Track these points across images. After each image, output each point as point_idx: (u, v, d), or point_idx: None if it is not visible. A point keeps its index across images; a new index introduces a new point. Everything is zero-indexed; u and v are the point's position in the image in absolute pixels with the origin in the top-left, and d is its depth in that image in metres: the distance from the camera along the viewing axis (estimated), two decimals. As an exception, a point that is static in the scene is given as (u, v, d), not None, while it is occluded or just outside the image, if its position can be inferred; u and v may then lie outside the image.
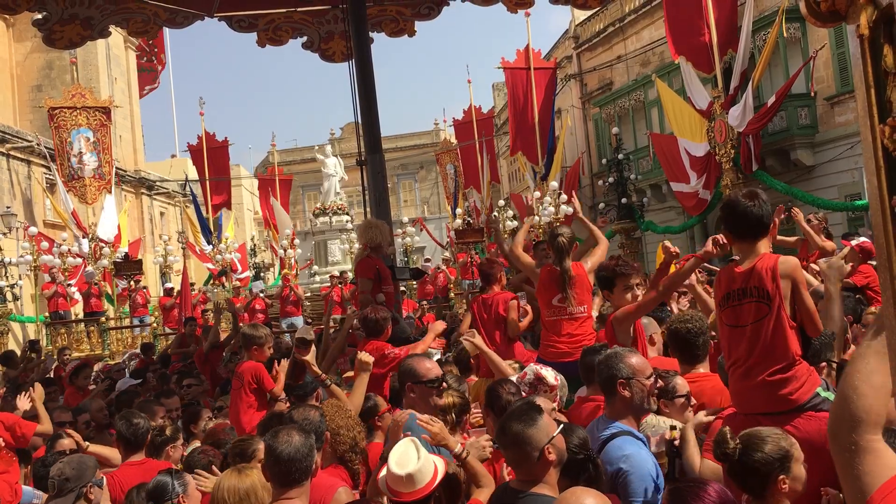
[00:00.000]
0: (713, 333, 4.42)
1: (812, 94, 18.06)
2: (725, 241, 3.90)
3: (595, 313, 5.98)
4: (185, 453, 4.97)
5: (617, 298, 4.71)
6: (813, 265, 4.42)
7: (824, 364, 3.85)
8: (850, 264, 8.19)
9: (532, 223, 7.04)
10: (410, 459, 3.26)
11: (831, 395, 3.31)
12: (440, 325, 6.48)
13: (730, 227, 3.60)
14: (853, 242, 8.53)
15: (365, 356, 5.22)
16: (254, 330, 6.68)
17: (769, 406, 3.29)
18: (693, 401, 3.93)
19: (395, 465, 3.26)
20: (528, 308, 6.75)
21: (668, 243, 4.74)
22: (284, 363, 6.39)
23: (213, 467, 4.15)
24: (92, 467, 4.15)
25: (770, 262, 3.43)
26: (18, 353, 14.75)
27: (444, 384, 4.33)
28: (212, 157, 25.44)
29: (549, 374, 4.32)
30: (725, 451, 2.82)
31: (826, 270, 4.06)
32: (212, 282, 24.23)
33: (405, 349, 5.90)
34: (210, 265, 23.51)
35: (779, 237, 8.46)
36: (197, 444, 5.32)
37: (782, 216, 7.12)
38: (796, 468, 2.81)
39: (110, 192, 23.76)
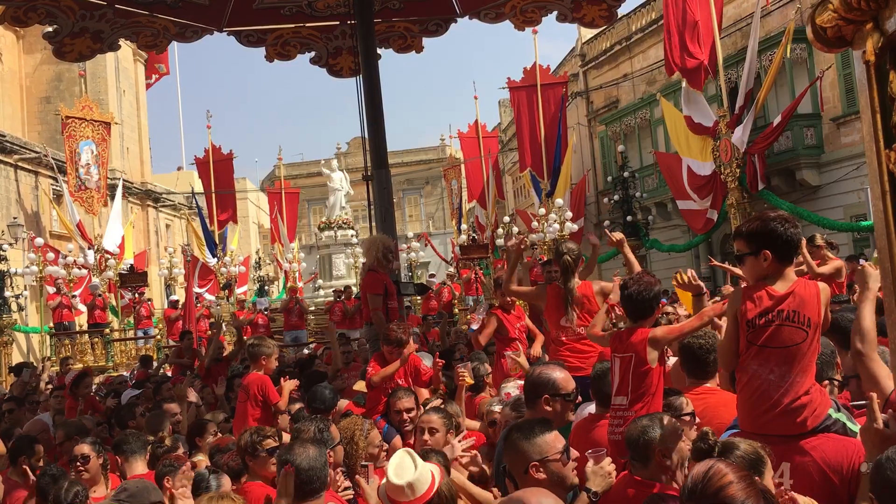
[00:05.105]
0: None
1: (821, 110, 18.12)
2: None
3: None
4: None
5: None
6: None
7: (826, 382, 3.85)
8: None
9: (523, 255, 6.96)
10: (408, 469, 3.31)
11: (843, 416, 3.30)
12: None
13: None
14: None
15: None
16: (261, 341, 6.69)
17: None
18: (697, 419, 3.93)
19: (394, 475, 3.30)
20: (489, 322, 6.81)
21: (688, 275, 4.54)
22: (291, 383, 6.39)
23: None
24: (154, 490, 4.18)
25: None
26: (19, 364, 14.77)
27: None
28: (217, 169, 25.54)
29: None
30: (704, 448, 2.85)
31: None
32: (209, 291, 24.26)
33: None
34: (203, 290, 23.51)
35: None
36: (202, 457, 5.33)
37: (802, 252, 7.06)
38: (768, 477, 2.83)
39: (106, 206, 23.90)
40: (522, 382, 4.50)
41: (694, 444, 2.93)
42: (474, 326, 6.96)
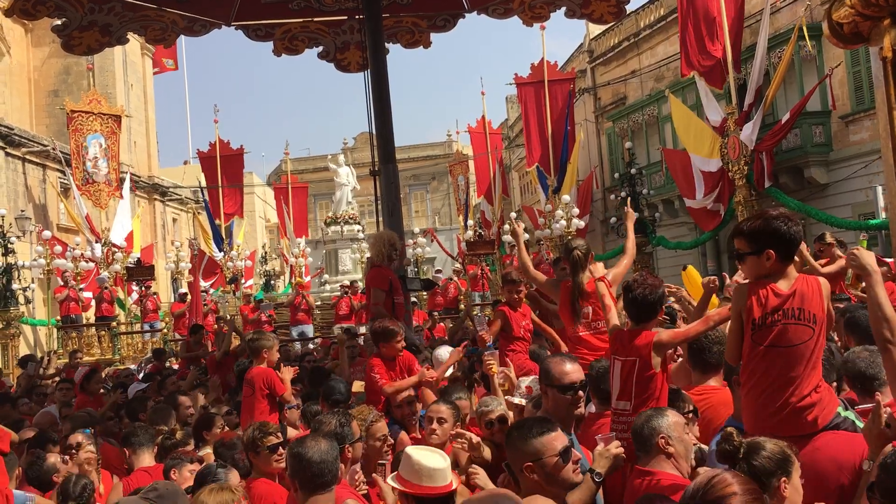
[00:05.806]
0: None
1: (832, 107, 18.06)
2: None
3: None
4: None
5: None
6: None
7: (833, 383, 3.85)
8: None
9: (523, 238, 6.99)
10: (436, 459, 3.31)
11: (851, 414, 3.28)
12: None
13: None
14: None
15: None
16: (260, 335, 6.74)
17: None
18: (698, 415, 3.91)
19: (420, 456, 3.31)
20: (495, 319, 6.86)
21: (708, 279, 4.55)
22: (288, 369, 6.42)
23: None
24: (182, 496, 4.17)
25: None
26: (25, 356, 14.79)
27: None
28: (225, 164, 25.54)
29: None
30: (729, 449, 2.80)
31: None
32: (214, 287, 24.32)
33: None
34: (208, 285, 23.58)
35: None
36: (208, 450, 5.33)
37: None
38: (796, 477, 2.78)
39: (115, 199, 23.90)
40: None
41: (719, 446, 2.88)
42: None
